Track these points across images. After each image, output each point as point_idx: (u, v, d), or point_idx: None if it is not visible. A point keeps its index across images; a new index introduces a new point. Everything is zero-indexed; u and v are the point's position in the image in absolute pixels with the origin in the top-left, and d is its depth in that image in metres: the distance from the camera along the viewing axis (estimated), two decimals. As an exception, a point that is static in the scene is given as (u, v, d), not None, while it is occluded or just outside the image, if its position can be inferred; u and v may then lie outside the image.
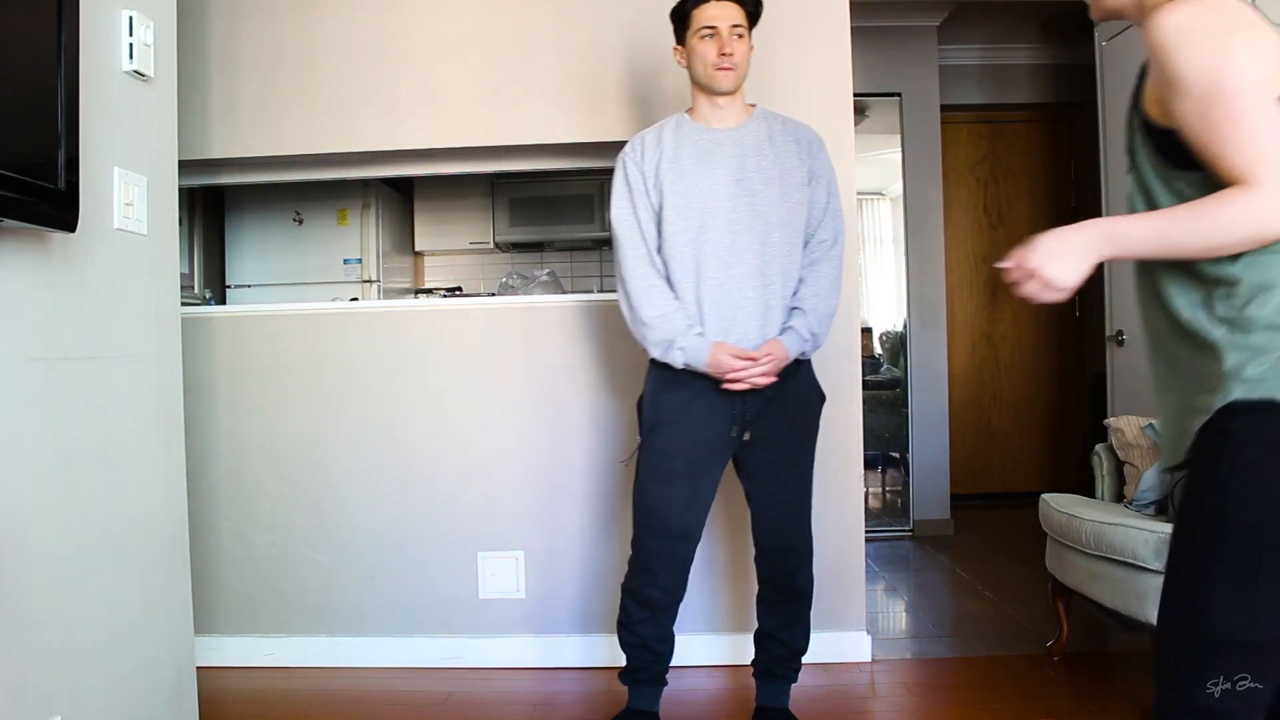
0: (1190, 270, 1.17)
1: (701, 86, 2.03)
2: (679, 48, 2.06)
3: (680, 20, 2.04)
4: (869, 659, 2.69)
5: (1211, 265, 1.15)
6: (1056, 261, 1.17)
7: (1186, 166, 1.14)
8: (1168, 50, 1.11)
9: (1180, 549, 1.18)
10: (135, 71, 1.83)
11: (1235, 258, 1.13)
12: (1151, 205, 1.21)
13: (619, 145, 2.16)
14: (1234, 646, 1.13)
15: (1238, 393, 1.12)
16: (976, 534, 4.47)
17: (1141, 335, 1.32)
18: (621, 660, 2.14)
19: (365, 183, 4.36)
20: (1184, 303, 1.19)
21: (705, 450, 2.00)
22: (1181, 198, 1.15)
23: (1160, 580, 2.16)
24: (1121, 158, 1.21)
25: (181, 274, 2.32)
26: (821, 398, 2.08)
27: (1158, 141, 1.18)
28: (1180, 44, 1.10)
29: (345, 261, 4.41)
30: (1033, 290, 1.19)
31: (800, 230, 2.00)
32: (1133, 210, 1.23)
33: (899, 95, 4.49)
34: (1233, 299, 1.14)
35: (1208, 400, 1.16)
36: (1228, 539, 1.12)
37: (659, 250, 2.00)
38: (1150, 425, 2.61)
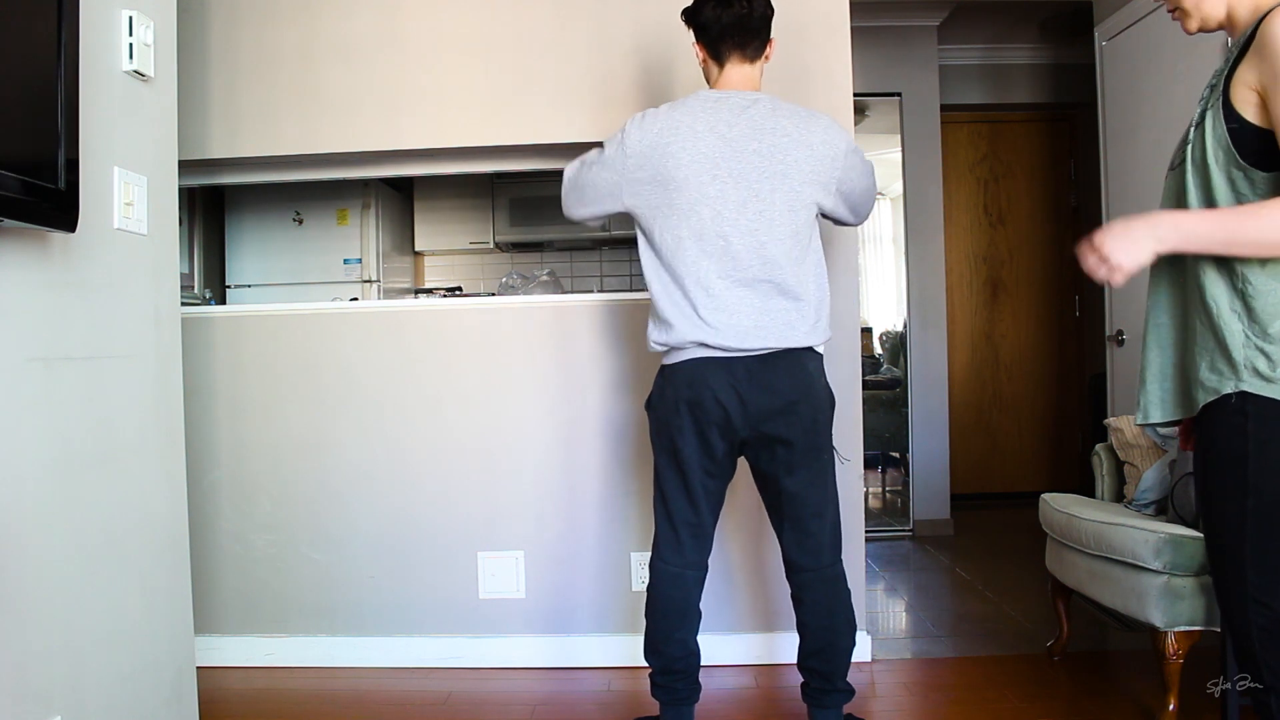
0: (1229, 265, 1.25)
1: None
2: (699, 44, 2.04)
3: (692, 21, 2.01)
4: (869, 659, 2.69)
5: (1249, 265, 1.23)
6: (1124, 245, 1.24)
7: (1267, 168, 1.20)
8: None
9: (1235, 545, 1.29)
10: (135, 71, 1.83)
11: (1269, 262, 1.22)
12: (1209, 202, 1.26)
13: (619, 145, 2.16)
14: None
15: (1252, 386, 1.24)
16: (976, 534, 4.47)
17: (1151, 295, 1.39)
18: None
19: (365, 183, 4.36)
20: (1217, 291, 1.27)
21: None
22: (1241, 197, 1.22)
23: (1160, 580, 2.18)
24: (1123, 157, 1.23)
25: (181, 274, 2.32)
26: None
27: (1242, 139, 1.22)
28: None
29: (345, 261, 4.41)
30: (1099, 271, 1.27)
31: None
32: (1181, 191, 1.29)
33: (899, 95, 4.49)
34: (1260, 299, 1.23)
35: (1215, 380, 1.27)
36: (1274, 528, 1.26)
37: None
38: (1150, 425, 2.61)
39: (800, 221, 1.94)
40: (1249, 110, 1.22)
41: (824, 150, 1.95)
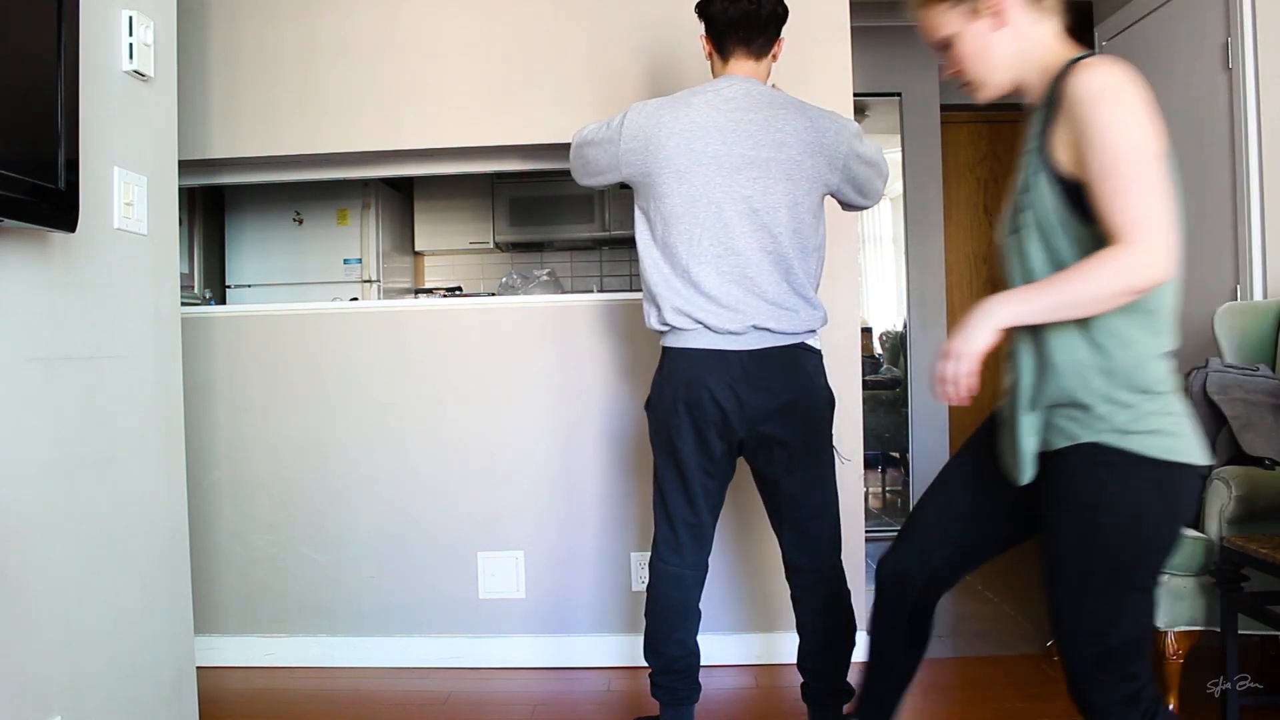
0: (1076, 322, 1.28)
1: None
2: (706, 36, 2.02)
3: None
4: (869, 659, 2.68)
5: (1107, 318, 1.26)
6: (965, 339, 1.29)
7: (1088, 215, 1.24)
8: (1088, 105, 1.21)
9: (1086, 572, 1.32)
10: (135, 71, 1.83)
11: (1112, 315, 1.25)
12: (1048, 249, 1.30)
13: (619, 145, 2.16)
14: (1139, 641, 1.34)
15: (1108, 439, 1.27)
16: (976, 534, 4.46)
17: (1008, 357, 1.43)
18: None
19: (365, 183, 4.36)
20: (1074, 345, 1.31)
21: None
22: (1079, 244, 1.26)
23: (1159, 579, 2.17)
24: None
25: (181, 274, 2.32)
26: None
27: (1064, 189, 1.26)
28: (1101, 101, 1.20)
29: (345, 261, 4.41)
30: (951, 372, 1.30)
31: None
32: (1022, 248, 1.33)
33: (899, 95, 4.49)
34: (1120, 352, 1.27)
35: (1073, 428, 1.31)
36: (1117, 563, 1.31)
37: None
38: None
39: (800, 192, 1.92)
40: (1068, 163, 1.26)
41: (825, 123, 1.95)
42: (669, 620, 2.03)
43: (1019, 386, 1.38)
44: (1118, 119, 1.20)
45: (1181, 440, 1.28)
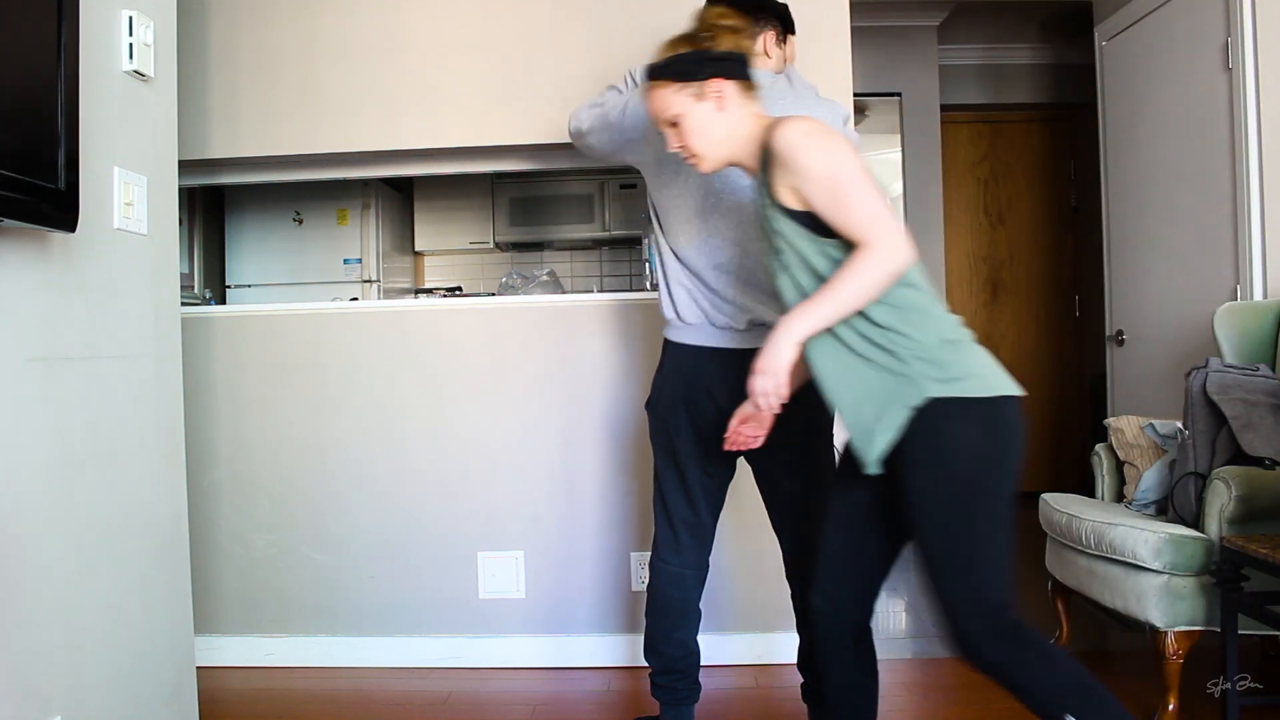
0: (849, 321, 1.50)
1: None
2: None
3: None
4: (869, 659, 2.68)
5: (867, 311, 1.48)
6: (772, 357, 1.49)
7: (829, 234, 1.50)
8: (795, 151, 1.49)
9: (945, 515, 1.48)
10: (135, 71, 1.83)
11: (881, 303, 1.48)
12: (810, 269, 1.53)
13: (619, 145, 2.16)
14: (1002, 572, 1.50)
15: (934, 391, 1.45)
16: (976, 534, 4.46)
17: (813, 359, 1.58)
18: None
19: (365, 183, 4.36)
20: (856, 339, 1.52)
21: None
22: (830, 258, 1.50)
23: (1160, 580, 2.19)
24: (1123, 157, 1.28)
25: (181, 274, 2.32)
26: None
27: (801, 221, 1.52)
28: (802, 145, 1.49)
29: (345, 261, 4.42)
30: (765, 386, 1.49)
31: None
32: (791, 276, 1.57)
33: (899, 95, 4.49)
34: (886, 334, 1.49)
35: (906, 400, 1.47)
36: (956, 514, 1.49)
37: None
38: (1150, 425, 2.61)
39: None
40: (796, 202, 1.51)
41: (822, 112, 1.98)
42: (669, 620, 2.03)
43: (852, 394, 1.54)
44: (819, 155, 1.49)
45: (992, 378, 1.50)
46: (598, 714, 2.37)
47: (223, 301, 4.37)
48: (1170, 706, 2.15)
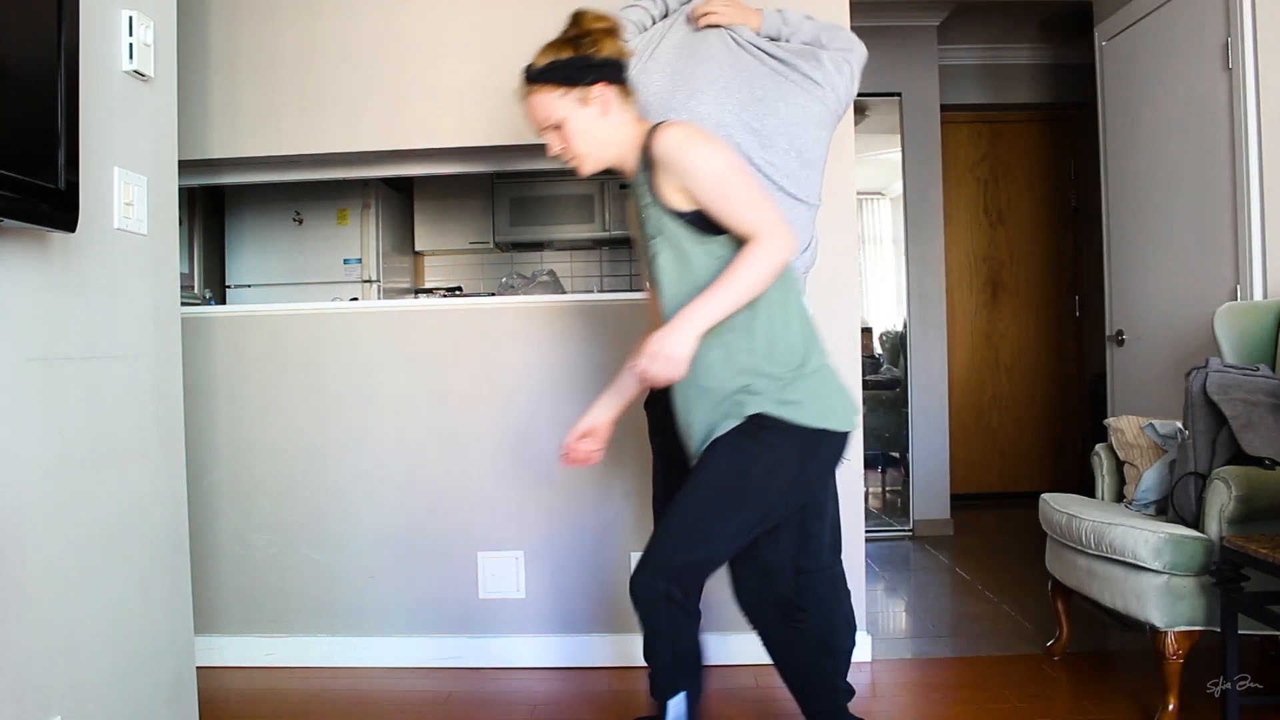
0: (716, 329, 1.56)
1: None
2: None
3: None
4: (869, 659, 2.69)
5: (744, 321, 1.59)
6: (672, 345, 1.53)
7: (714, 232, 1.59)
8: (681, 153, 1.56)
9: (718, 494, 1.61)
10: (135, 71, 1.83)
11: (757, 314, 1.59)
12: (689, 268, 1.61)
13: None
14: (712, 564, 1.66)
15: (768, 409, 1.58)
16: (976, 534, 4.47)
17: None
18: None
19: (365, 183, 4.36)
20: (716, 354, 1.61)
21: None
22: (715, 256, 1.58)
23: (1160, 580, 2.19)
24: (1123, 157, 1.29)
25: (181, 274, 2.32)
26: None
27: (688, 220, 1.59)
28: (688, 148, 1.57)
29: (345, 261, 4.42)
30: (657, 368, 1.53)
31: None
32: (669, 274, 1.64)
33: (899, 95, 4.49)
34: (748, 344, 1.60)
35: (742, 409, 1.60)
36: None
37: None
38: (1150, 425, 2.61)
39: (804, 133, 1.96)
40: (684, 203, 1.59)
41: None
42: None
43: (697, 385, 1.65)
44: (701, 156, 1.56)
45: (826, 410, 1.61)
46: (598, 714, 2.37)
47: (223, 301, 4.37)
48: (1170, 706, 2.15)
